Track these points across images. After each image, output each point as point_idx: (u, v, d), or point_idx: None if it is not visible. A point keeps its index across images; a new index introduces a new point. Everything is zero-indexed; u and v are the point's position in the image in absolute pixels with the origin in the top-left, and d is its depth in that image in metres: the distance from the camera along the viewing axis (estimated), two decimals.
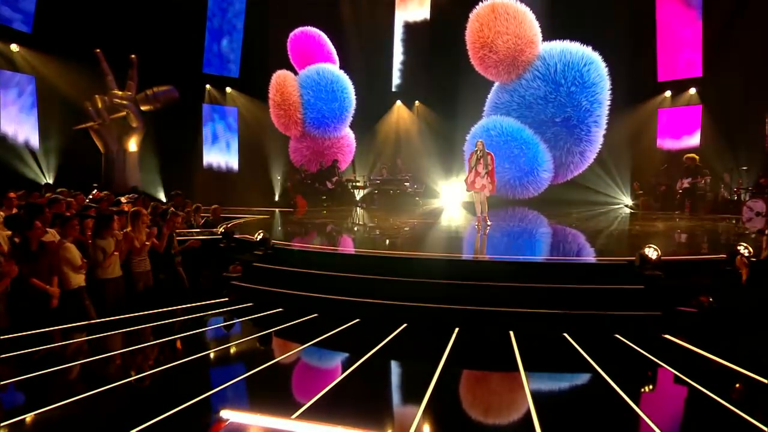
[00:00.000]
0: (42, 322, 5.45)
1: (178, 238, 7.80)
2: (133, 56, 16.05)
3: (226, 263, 7.86)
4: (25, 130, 14.67)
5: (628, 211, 15.62)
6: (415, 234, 10.21)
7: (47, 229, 6.15)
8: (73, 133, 15.35)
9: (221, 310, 6.63)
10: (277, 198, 17.94)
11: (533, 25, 15.33)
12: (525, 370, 4.47)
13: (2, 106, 14.32)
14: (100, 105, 15.57)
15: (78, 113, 15.33)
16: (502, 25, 15.11)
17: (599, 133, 15.45)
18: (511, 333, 5.44)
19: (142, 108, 16.20)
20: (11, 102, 14.42)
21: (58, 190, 10.61)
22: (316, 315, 6.20)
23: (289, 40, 17.49)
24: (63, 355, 4.98)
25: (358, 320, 5.94)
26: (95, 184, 15.61)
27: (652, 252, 5.99)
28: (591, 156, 15.66)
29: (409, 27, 19.78)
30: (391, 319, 5.83)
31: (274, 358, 5.02)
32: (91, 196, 9.40)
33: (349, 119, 17.81)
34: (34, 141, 14.75)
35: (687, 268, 6.54)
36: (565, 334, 5.40)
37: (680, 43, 16.44)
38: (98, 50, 15.53)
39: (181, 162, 17.15)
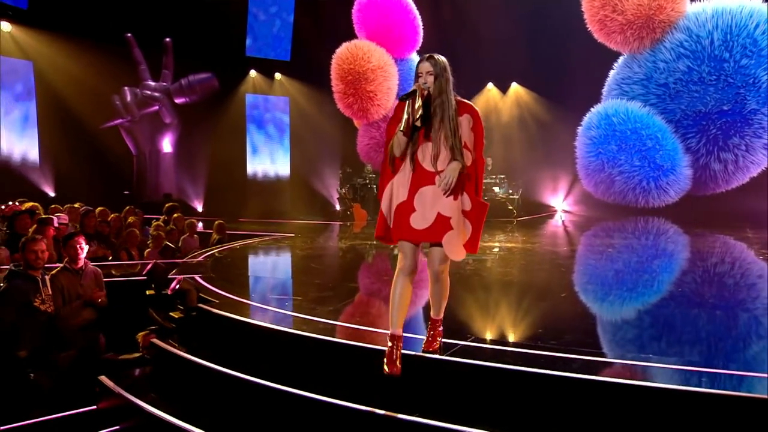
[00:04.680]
0: None
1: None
2: (167, 40, 13.80)
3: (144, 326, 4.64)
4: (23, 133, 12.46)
5: None
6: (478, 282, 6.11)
7: None
8: (100, 132, 13.38)
9: None
10: (338, 207, 14.75)
11: None
12: None
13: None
14: (129, 99, 13.51)
15: (104, 109, 13.34)
16: None
17: None
18: None
19: (177, 101, 13.94)
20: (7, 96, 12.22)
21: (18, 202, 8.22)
22: None
23: (355, 7, 13.72)
24: None
25: None
26: (126, 192, 13.67)
27: None
28: None
29: None
30: None
31: None
32: (3, 207, 6.80)
33: None
34: (33, 144, 12.56)
35: None
36: None
37: None
38: (129, 35, 13.46)
39: (223, 164, 14.59)
